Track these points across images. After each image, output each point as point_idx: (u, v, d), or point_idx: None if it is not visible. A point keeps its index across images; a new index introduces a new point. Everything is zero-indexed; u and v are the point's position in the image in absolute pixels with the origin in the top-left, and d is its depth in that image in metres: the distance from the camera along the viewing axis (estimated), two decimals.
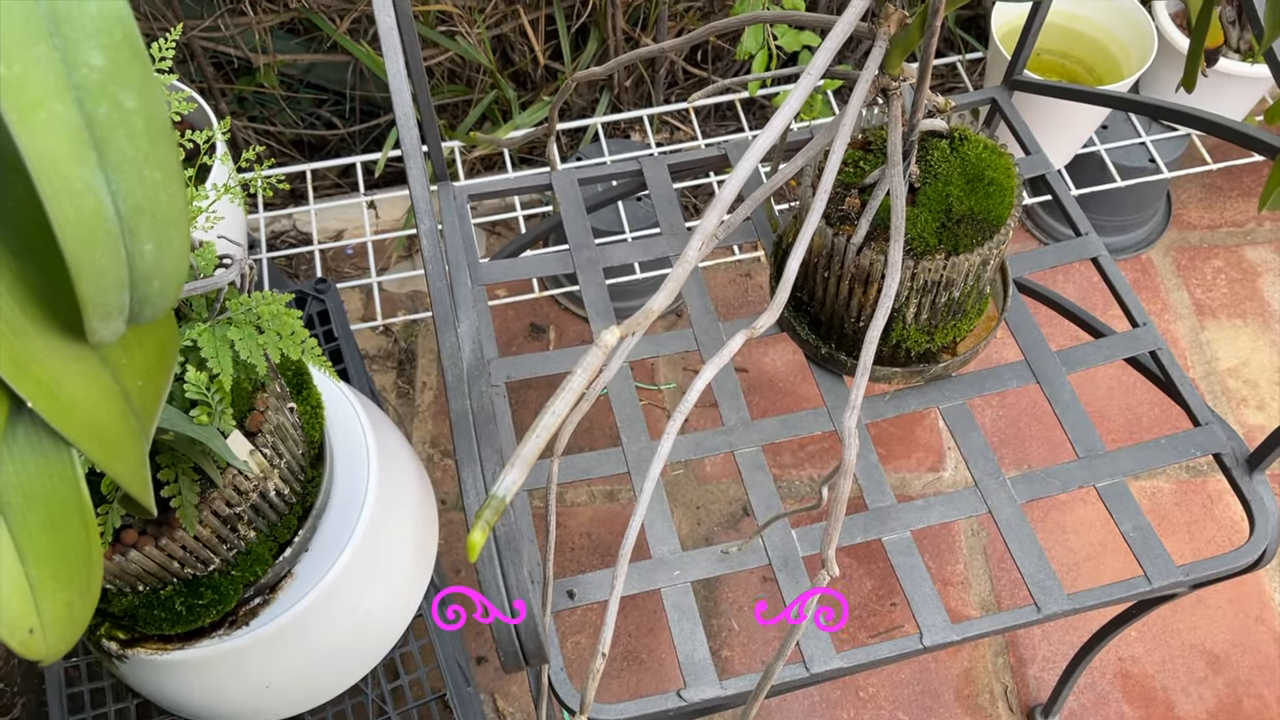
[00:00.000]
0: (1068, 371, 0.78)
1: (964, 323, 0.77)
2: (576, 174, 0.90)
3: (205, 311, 0.69)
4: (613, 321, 0.82)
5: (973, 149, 0.74)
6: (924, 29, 0.61)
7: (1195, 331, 1.32)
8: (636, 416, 0.76)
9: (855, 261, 0.71)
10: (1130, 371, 1.16)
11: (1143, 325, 0.80)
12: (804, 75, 0.54)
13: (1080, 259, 0.84)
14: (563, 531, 1.20)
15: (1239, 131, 0.69)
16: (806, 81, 0.54)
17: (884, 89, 0.68)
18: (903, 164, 0.69)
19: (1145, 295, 1.36)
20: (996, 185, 0.72)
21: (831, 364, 0.79)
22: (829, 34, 0.55)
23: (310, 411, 0.81)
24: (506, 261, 0.84)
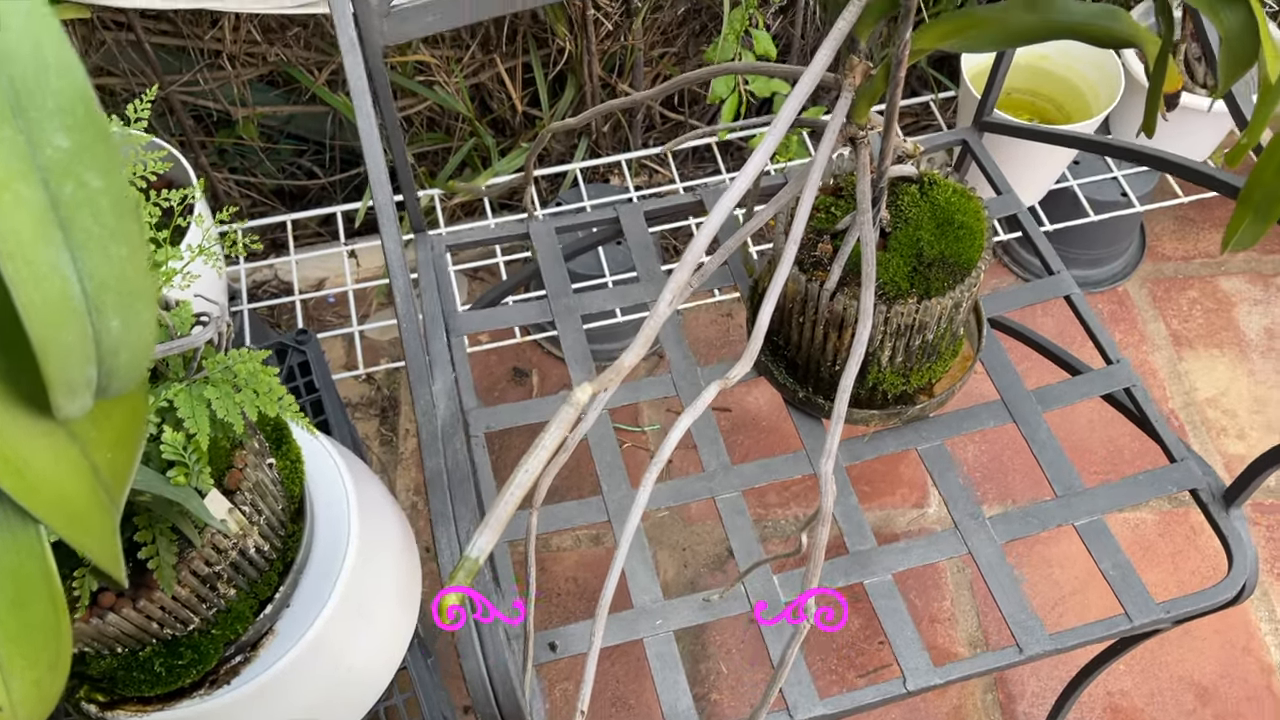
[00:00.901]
0: (1043, 410, 0.79)
1: (939, 364, 0.78)
2: (554, 222, 0.91)
3: (182, 371, 0.69)
4: (591, 368, 0.82)
5: (942, 193, 0.75)
6: (889, 80, 0.62)
7: (1173, 362, 1.34)
8: (616, 464, 0.76)
9: (829, 307, 0.72)
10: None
11: (1117, 362, 0.81)
12: (770, 129, 0.55)
13: (1053, 297, 0.85)
14: (547, 577, 1.20)
15: (1200, 172, 0.70)
16: (773, 135, 0.55)
17: (851, 138, 0.69)
18: (873, 210, 0.70)
19: (1123, 327, 1.37)
20: (967, 229, 0.73)
21: (809, 407, 0.79)
22: (795, 86, 0.56)
23: (290, 466, 0.81)
24: (485, 311, 0.84)
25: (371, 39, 0.72)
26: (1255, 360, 1.33)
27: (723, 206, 0.51)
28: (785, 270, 0.61)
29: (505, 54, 1.27)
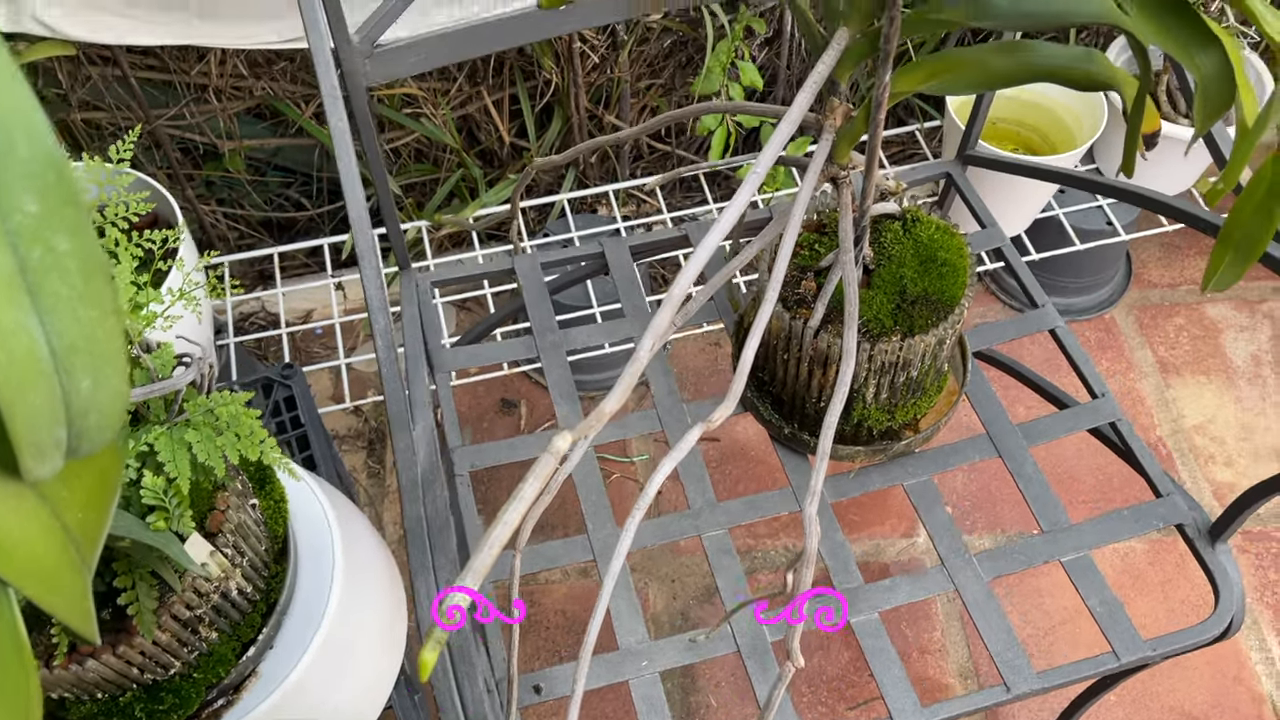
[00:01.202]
0: (1029, 444, 0.79)
1: (924, 400, 0.78)
2: (540, 257, 0.91)
3: (163, 413, 0.68)
4: (577, 405, 0.82)
5: (925, 230, 0.75)
6: (869, 121, 0.62)
7: (1161, 389, 1.34)
8: (602, 503, 0.76)
9: (813, 344, 0.72)
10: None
11: (1101, 396, 0.81)
12: (750, 173, 0.55)
13: (1038, 330, 0.85)
14: (537, 610, 1.19)
15: (1180, 210, 0.71)
16: (753, 179, 0.55)
17: (833, 178, 0.69)
18: (855, 249, 0.70)
19: (1110, 354, 1.37)
20: (950, 266, 0.73)
21: (795, 443, 0.79)
22: (775, 131, 0.56)
23: (274, 506, 0.81)
24: (470, 348, 0.84)
25: (355, 80, 0.72)
26: (1242, 387, 1.34)
27: (704, 249, 0.51)
28: (768, 310, 0.61)
29: (492, 86, 1.27)
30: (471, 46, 0.75)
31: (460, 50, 0.75)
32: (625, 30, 1.21)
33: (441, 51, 0.74)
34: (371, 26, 0.71)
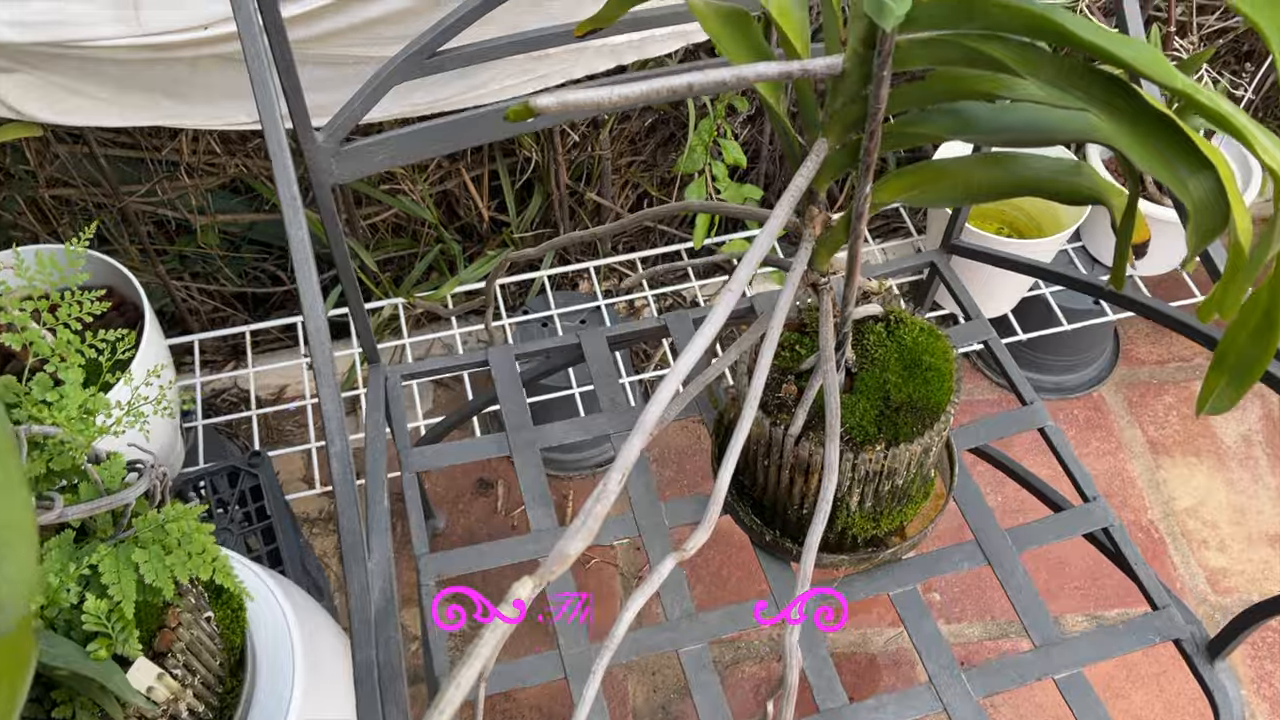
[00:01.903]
0: (1019, 551, 0.76)
1: (910, 506, 0.75)
2: (515, 349, 0.88)
3: (111, 528, 0.65)
4: (550, 508, 0.79)
5: (909, 332, 0.73)
6: (849, 230, 0.60)
7: (1151, 470, 1.31)
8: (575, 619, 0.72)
9: (794, 452, 0.69)
10: None
11: (1093, 500, 0.78)
12: (725, 291, 0.53)
13: (1027, 429, 0.83)
14: (513, 704, 1.15)
15: (1173, 318, 0.69)
16: (728, 298, 0.52)
17: (814, 284, 0.67)
18: (837, 353, 0.68)
19: (1099, 434, 1.35)
20: (935, 370, 0.71)
21: (777, 549, 0.76)
22: (752, 247, 0.54)
23: (231, 615, 0.77)
24: (439, 448, 0.81)
25: (321, 179, 0.70)
26: (1234, 468, 1.31)
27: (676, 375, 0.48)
28: (748, 423, 0.58)
29: (471, 163, 1.25)
30: (441, 143, 0.73)
31: (430, 147, 0.73)
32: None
33: (411, 148, 0.72)
34: (338, 124, 0.69)
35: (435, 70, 0.70)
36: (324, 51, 1.00)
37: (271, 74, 0.59)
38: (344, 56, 1.01)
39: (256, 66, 0.60)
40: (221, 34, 0.93)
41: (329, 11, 0.93)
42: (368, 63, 1.03)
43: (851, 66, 0.53)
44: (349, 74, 1.05)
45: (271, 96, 0.59)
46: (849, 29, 0.53)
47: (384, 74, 0.68)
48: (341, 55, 1.01)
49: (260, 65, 0.59)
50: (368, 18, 0.95)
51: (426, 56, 0.69)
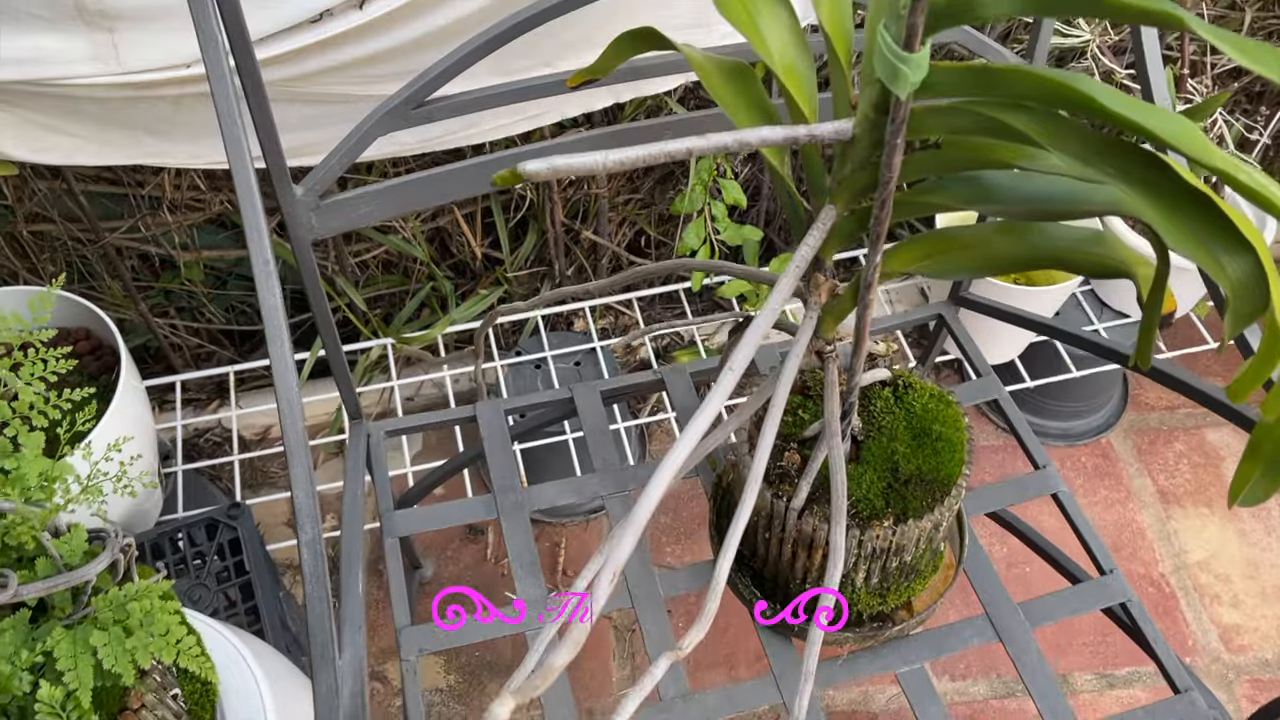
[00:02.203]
0: (1031, 626, 0.72)
1: (919, 581, 0.71)
2: (504, 404, 0.84)
3: (70, 607, 0.61)
4: (539, 576, 0.75)
5: (918, 398, 0.69)
6: (857, 299, 0.57)
7: (1162, 521, 1.27)
8: (564, 698, 0.68)
9: (797, 525, 0.65)
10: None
11: (1110, 573, 0.75)
12: (725, 371, 0.49)
13: (1040, 495, 0.79)
14: None
15: (1204, 394, 0.65)
16: (726, 382, 0.49)
17: (819, 352, 0.63)
18: (843, 422, 0.64)
19: (1108, 483, 1.31)
20: (945, 441, 0.67)
21: (778, 625, 0.72)
22: (752, 324, 0.50)
23: (200, 688, 0.73)
24: (423, 511, 0.77)
25: (299, 234, 0.67)
26: (1246, 520, 1.27)
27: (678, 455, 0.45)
28: (747, 510, 0.55)
29: (464, 200, 1.22)
30: (428, 196, 0.69)
31: (416, 200, 0.69)
32: None
33: (396, 202, 0.68)
34: (318, 178, 0.65)
35: (422, 121, 0.67)
36: (311, 90, 0.97)
37: (245, 126, 0.55)
38: (332, 95, 0.98)
39: (228, 118, 0.56)
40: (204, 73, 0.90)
41: (314, 51, 0.90)
42: (357, 101, 1.00)
43: (862, 132, 0.50)
44: (338, 111, 1.02)
45: (244, 152, 0.56)
46: (859, 92, 0.50)
47: (367, 125, 0.65)
48: (330, 94, 0.98)
49: (231, 116, 0.56)
50: (356, 57, 0.92)
51: (412, 107, 0.66)
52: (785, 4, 0.55)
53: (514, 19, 0.65)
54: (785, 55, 0.53)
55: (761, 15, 0.54)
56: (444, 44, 0.94)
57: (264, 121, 0.61)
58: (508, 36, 0.65)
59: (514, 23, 0.65)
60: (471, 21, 0.92)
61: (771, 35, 0.53)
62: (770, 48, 0.53)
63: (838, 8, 0.50)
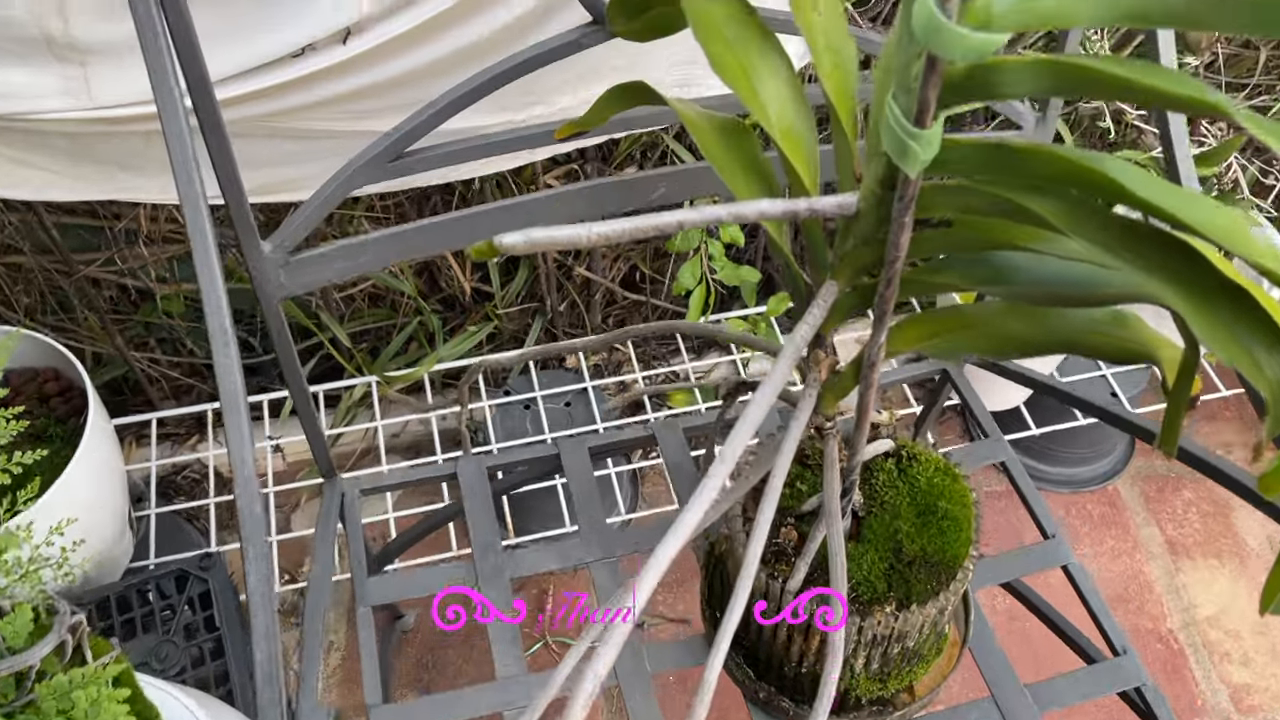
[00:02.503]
0: (1040, 711, 0.68)
1: (921, 665, 0.67)
2: (486, 461, 0.80)
3: (13, 691, 0.57)
4: (520, 658, 0.71)
5: (923, 471, 0.65)
6: (859, 378, 0.53)
7: (1170, 574, 1.23)
8: None
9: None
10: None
11: (1124, 653, 0.71)
12: (716, 463, 0.45)
13: (1049, 568, 0.75)
14: None
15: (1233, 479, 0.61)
16: (720, 471, 0.45)
17: (818, 427, 0.59)
18: (843, 499, 0.60)
19: (1115, 532, 1.27)
20: (951, 519, 0.63)
21: (772, 709, 0.68)
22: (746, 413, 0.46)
23: None
24: (398, 577, 0.73)
25: (268, 293, 0.63)
26: (1257, 573, 1.23)
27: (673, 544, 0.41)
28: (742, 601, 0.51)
29: None
30: (402, 253, 0.66)
31: (395, 255, 0.65)
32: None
33: (370, 258, 0.64)
34: (289, 233, 0.61)
35: (401, 174, 0.63)
36: (295, 125, 0.93)
37: (201, 185, 0.52)
38: (317, 131, 0.94)
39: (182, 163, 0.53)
40: None
41: (297, 86, 0.86)
42: (344, 136, 0.96)
43: (867, 207, 0.46)
44: (324, 147, 0.98)
45: (201, 211, 0.52)
46: (865, 164, 0.46)
47: (342, 177, 0.61)
48: (314, 130, 0.94)
49: (189, 173, 0.52)
50: (340, 92, 0.88)
51: (390, 160, 0.62)
52: (782, 55, 0.51)
53: (502, 66, 0.61)
54: (784, 116, 0.49)
55: (757, 70, 0.50)
56: (432, 80, 0.90)
57: (227, 171, 0.58)
58: (492, 86, 0.62)
59: (500, 70, 0.61)
60: (460, 57, 0.88)
61: (768, 92, 0.50)
62: (767, 108, 0.49)
63: (841, 70, 0.46)
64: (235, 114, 0.89)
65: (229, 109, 0.87)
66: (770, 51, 0.50)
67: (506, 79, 0.61)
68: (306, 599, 0.70)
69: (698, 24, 0.50)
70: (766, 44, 0.51)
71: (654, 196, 0.69)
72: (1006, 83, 0.39)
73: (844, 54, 0.46)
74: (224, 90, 0.84)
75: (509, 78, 0.61)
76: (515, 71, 0.61)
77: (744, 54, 0.50)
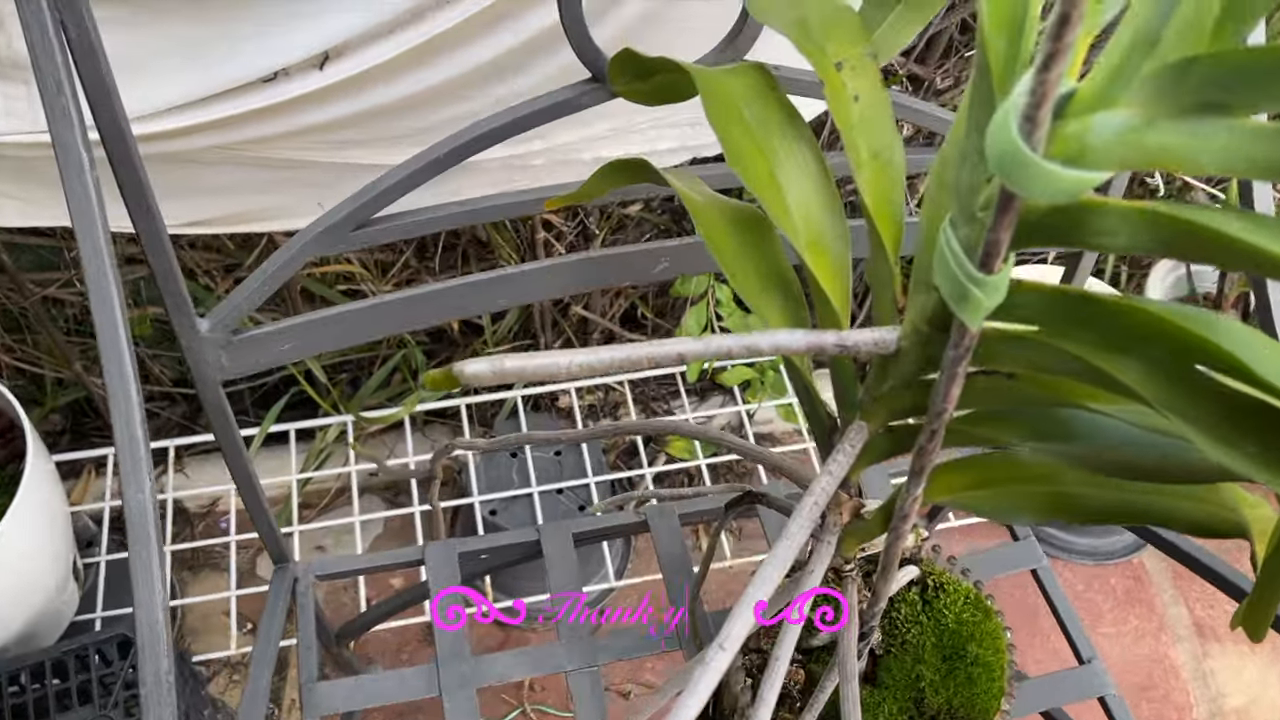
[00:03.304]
0: None
1: None
2: (457, 547, 0.72)
3: None
4: None
5: (952, 604, 0.57)
6: (886, 525, 0.45)
7: (1198, 659, 1.15)
8: None
9: None
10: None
11: None
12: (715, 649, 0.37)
13: (1084, 699, 0.67)
14: None
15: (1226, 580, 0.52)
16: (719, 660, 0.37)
17: (835, 569, 0.51)
18: (861, 643, 0.52)
19: (1139, 610, 1.19)
20: (982, 666, 0.55)
21: None
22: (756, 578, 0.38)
23: None
24: (349, 685, 0.65)
25: (206, 375, 0.54)
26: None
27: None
28: None
29: (442, 265, 1.10)
30: (370, 330, 0.57)
31: (354, 334, 0.57)
32: (597, 222, 1.04)
33: (327, 337, 0.56)
34: (228, 312, 0.53)
35: (364, 243, 0.55)
36: (270, 155, 0.85)
37: (102, 239, 0.43)
38: (295, 160, 0.86)
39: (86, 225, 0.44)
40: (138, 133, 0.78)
41: (268, 115, 0.78)
42: (325, 167, 0.88)
43: (910, 346, 0.38)
44: (304, 176, 0.90)
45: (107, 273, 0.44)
46: (909, 296, 0.38)
47: (295, 248, 0.53)
48: (293, 159, 0.86)
49: (91, 223, 0.44)
50: (317, 121, 0.80)
51: (353, 228, 0.53)
52: (811, 144, 0.43)
53: (490, 124, 0.53)
54: (811, 224, 0.41)
55: (781, 163, 0.41)
56: (417, 110, 0.82)
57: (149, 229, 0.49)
58: (478, 145, 0.53)
59: (488, 129, 0.53)
60: (448, 88, 0.80)
61: (793, 191, 0.41)
62: (792, 214, 0.41)
63: (884, 178, 0.38)
64: (196, 143, 0.80)
65: (187, 138, 0.79)
66: (797, 139, 0.42)
67: (495, 138, 0.53)
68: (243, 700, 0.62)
69: (712, 102, 0.41)
70: (791, 128, 0.42)
71: (655, 271, 0.61)
72: (1101, 231, 0.31)
73: (889, 158, 0.38)
74: (179, 118, 0.76)
75: (498, 137, 0.53)
76: (504, 131, 0.53)
77: (766, 140, 0.41)
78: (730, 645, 0.37)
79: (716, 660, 0.37)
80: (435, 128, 0.83)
